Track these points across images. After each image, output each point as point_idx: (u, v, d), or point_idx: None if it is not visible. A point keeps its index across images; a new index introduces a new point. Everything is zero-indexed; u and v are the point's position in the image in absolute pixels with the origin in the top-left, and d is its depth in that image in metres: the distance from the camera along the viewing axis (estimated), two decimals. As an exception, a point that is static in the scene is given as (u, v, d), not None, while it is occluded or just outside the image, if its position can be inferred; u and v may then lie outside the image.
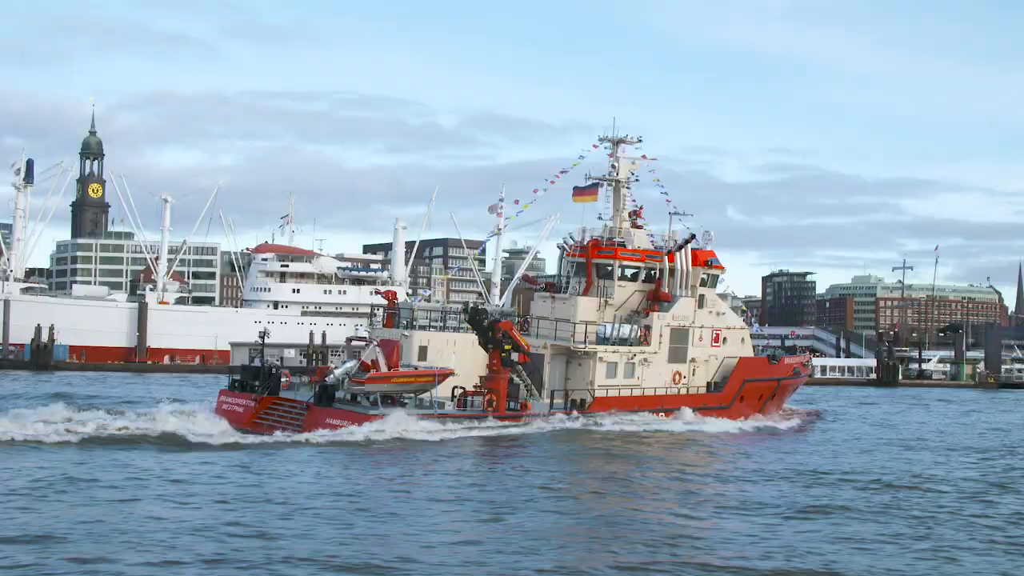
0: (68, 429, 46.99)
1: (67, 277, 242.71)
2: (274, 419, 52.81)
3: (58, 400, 61.10)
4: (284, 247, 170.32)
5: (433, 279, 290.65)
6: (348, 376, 52.79)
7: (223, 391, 56.46)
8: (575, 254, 67.78)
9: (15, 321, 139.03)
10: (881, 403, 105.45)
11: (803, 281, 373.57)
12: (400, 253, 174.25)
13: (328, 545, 27.52)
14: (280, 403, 54.45)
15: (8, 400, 72.11)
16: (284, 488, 36.22)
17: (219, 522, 29.98)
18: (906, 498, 38.32)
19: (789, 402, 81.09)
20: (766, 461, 48.13)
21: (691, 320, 67.91)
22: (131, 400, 75.45)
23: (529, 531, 30.15)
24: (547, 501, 35.37)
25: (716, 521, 32.79)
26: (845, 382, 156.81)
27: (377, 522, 30.82)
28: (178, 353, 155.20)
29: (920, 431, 70.93)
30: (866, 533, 31.23)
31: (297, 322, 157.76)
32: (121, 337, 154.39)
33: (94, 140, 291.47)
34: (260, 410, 53.89)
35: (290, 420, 52.26)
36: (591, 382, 62.47)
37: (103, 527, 28.83)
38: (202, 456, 43.50)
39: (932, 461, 51.18)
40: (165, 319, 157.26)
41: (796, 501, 36.45)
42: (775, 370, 74.10)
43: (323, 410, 51.80)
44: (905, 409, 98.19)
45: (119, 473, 38.22)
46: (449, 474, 40.62)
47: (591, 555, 27.49)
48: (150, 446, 45.88)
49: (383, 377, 52.50)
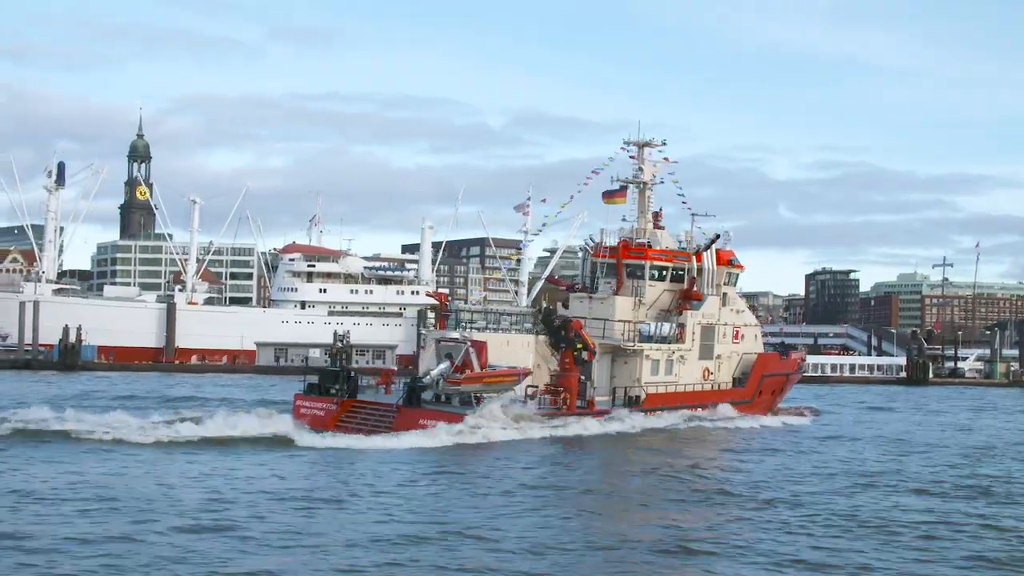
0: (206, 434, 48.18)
1: (107, 279, 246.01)
2: (358, 422, 52.65)
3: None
4: (311, 247, 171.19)
5: (470, 278, 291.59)
6: (443, 377, 53.12)
7: (299, 395, 55.75)
8: (604, 255, 69.21)
9: (47, 322, 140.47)
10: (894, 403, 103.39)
11: (846, 279, 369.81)
12: (427, 253, 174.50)
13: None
14: (362, 405, 54.31)
15: (92, 399, 74.14)
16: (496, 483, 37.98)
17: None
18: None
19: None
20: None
21: (717, 318, 70.25)
22: (214, 401, 75.98)
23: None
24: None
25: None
26: (875, 380, 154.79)
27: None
28: (205, 353, 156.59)
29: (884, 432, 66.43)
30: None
31: (324, 322, 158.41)
32: (150, 338, 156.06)
33: (141, 143, 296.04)
34: (342, 413, 53.60)
35: (377, 422, 52.19)
36: (638, 379, 64.18)
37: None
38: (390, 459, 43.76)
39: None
40: (193, 319, 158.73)
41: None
42: (785, 365, 77.49)
43: (414, 411, 51.91)
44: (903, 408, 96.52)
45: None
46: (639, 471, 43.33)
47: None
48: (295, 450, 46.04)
49: (477, 377, 53.50)
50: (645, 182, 71.53)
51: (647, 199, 72.13)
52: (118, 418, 51.61)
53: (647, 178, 71.74)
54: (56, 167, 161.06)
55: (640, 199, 72.12)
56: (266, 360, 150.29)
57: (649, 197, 72.24)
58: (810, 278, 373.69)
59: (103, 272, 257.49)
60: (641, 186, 71.84)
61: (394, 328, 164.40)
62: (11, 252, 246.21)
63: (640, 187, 71.93)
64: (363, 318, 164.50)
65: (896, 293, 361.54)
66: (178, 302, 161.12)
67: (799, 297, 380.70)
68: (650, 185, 71.88)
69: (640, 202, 72.08)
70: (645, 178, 71.59)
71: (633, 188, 72.28)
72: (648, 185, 71.74)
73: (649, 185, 71.79)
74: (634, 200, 72.51)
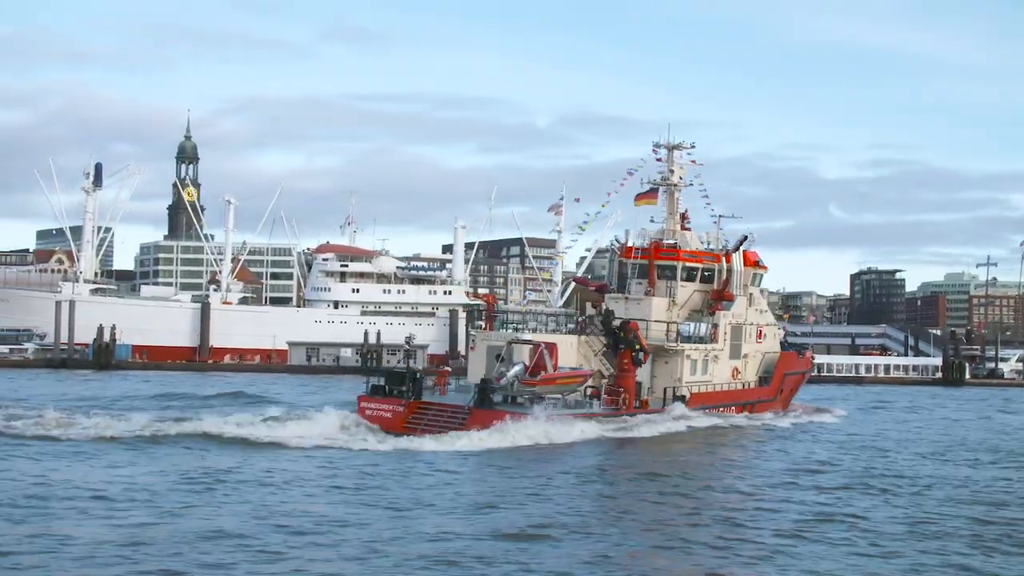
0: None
1: (150, 279, 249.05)
2: (426, 423, 52.99)
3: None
4: (345, 247, 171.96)
5: (510, 278, 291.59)
6: (518, 379, 53.75)
7: (363, 396, 56.17)
8: (636, 256, 70.15)
9: (84, 322, 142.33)
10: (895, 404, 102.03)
11: (892, 279, 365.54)
12: (460, 253, 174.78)
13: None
14: (429, 407, 54.65)
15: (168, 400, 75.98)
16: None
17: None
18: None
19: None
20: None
21: (744, 318, 72.03)
22: (280, 402, 76.85)
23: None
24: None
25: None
26: (910, 381, 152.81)
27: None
28: (240, 353, 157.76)
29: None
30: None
31: (356, 321, 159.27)
32: (185, 337, 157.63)
33: (189, 145, 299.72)
34: (409, 415, 54.03)
35: (446, 423, 52.52)
36: (679, 379, 65.41)
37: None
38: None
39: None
40: (227, 319, 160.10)
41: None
42: (801, 364, 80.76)
43: (487, 412, 52.35)
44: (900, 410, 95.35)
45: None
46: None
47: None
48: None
49: (551, 378, 54.63)
50: (675, 184, 73.01)
51: (675, 201, 73.56)
52: (240, 418, 53.41)
53: (676, 180, 73.32)
54: (94, 168, 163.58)
55: (669, 201, 73.56)
56: (298, 359, 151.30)
57: (677, 199, 73.76)
58: (855, 278, 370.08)
59: (145, 272, 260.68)
60: (670, 188, 73.34)
61: (426, 328, 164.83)
62: (56, 253, 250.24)
63: (669, 189, 73.45)
64: (395, 318, 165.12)
65: (943, 293, 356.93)
66: (212, 302, 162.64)
67: (844, 297, 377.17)
68: (679, 187, 73.41)
69: (669, 204, 73.53)
70: (674, 180, 73.14)
71: (662, 190, 73.98)
72: (677, 187, 73.27)
73: (678, 187, 73.32)
74: (663, 202, 73.96)
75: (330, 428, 51.78)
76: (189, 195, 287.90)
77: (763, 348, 74.58)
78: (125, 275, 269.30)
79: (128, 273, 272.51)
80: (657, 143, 73.61)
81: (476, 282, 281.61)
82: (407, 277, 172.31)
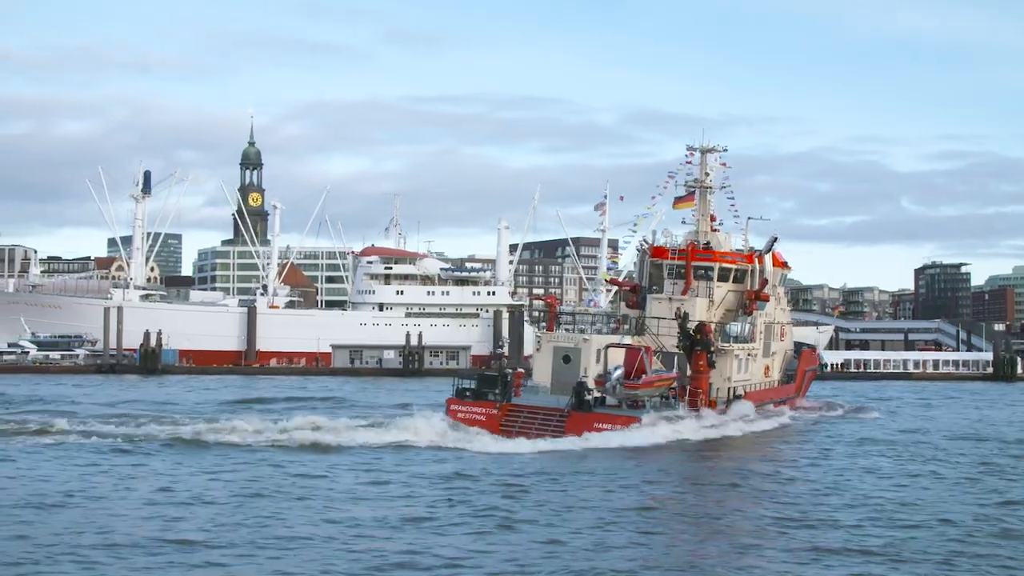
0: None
1: (208, 284, 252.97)
2: (520, 425, 53.57)
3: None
4: (389, 249, 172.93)
5: (565, 278, 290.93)
6: (620, 382, 54.17)
7: (452, 399, 56.66)
8: (672, 256, 71.08)
9: (133, 328, 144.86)
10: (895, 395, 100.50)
11: (957, 273, 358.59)
12: (504, 253, 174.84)
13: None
14: (521, 409, 55.12)
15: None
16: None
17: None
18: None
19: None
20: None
21: (773, 317, 73.86)
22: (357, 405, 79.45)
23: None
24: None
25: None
26: (960, 376, 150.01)
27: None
28: (288, 356, 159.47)
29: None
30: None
31: (401, 323, 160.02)
32: (232, 341, 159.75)
33: (252, 151, 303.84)
34: (503, 417, 54.60)
35: (542, 426, 53.17)
36: (728, 377, 65.73)
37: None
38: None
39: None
40: (273, 323, 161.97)
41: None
42: (815, 360, 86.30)
43: (586, 415, 52.89)
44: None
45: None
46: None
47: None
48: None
49: (651, 381, 55.17)
50: (709, 187, 74.40)
51: (707, 203, 74.89)
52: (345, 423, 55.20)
53: (708, 183, 74.71)
54: (142, 176, 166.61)
55: (701, 203, 74.77)
56: (342, 362, 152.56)
57: (710, 201, 75.11)
58: (919, 272, 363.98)
59: (203, 278, 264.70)
60: (703, 191, 74.65)
61: (471, 329, 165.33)
62: (117, 260, 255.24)
63: (702, 191, 74.77)
64: (440, 319, 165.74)
65: (1011, 287, 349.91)
66: (259, 306, 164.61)
67: (909, 292, 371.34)
68: (712, 190, 74.83)
69: (702, 206, 74.73)
70: (707, 183, 74.53)
71: (697, 192, 75.39)
72: (711, 189, 74.75)
73: (711, 190, 74.76)
74: (696, 204, 75.25)
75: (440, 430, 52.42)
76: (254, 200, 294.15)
77: (785, 346, 77.23)
78: (185, 281, 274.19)
79: (187, 279, 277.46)
80: (691, 146, 74.99)
81: (531, 282, 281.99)
82: (451, 278, 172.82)
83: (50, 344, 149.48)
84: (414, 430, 51.64)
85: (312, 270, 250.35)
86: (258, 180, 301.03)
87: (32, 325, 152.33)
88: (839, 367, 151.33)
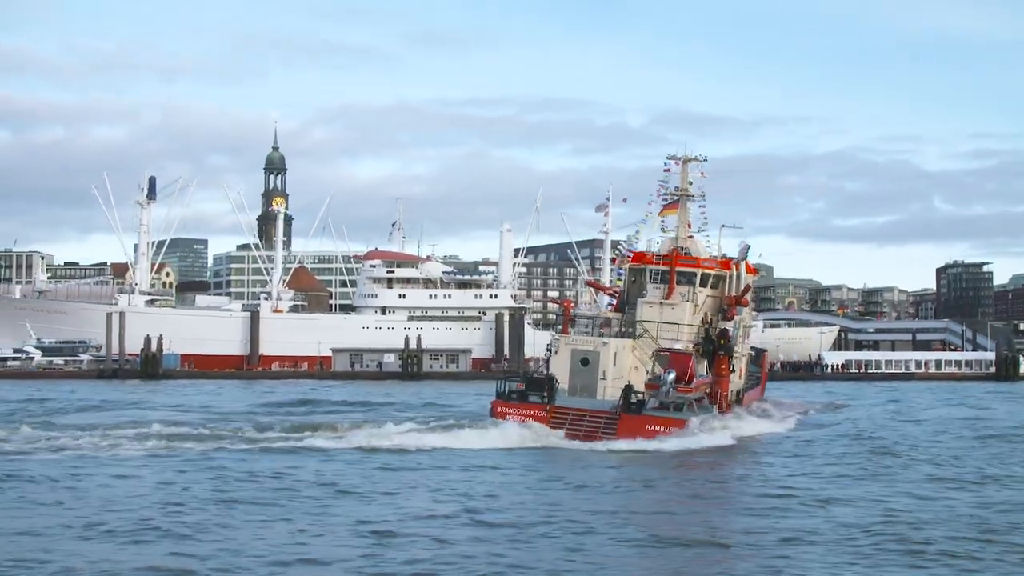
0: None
1: (223, 289, 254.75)
2: (568, 427, 54.45)
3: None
4: (392, 253, 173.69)
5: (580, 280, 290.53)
6: (673, 386, 54.95)
7: (498, 402, 57.49)
8: (656, 262, 71.84)
9: (138, 332, 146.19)
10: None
11: (979, 272, 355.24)
12: (507, 257, 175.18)
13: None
14: (567, 411, 55.89)
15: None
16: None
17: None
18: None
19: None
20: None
21: (747, 322, 77.21)
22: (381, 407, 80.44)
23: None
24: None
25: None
26: (961, 376, 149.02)
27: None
28: (292, 360, 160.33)
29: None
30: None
31: (403, 327, 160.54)
32: (235, 346, 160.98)
33: (276, 156, 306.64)
34: (550, 419, 55.51)
35: (593, 428, 54.19)
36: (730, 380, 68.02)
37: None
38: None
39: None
40: (275, 327, 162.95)
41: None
42: (767, 362, 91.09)
43: (638, 417, 54.04)
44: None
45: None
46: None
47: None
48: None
49: (698, 385, 56.62)
50: (691, 195, 75.65)
51: (687, 211, 76.15)
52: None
53: (691, 192, 75.92)
54: (147, 183, 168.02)
55: (682, 211, 76.05)
56: (342, 366, 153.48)
57: (689, 209, 76.36)
58: (941, 272, 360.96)
59: (219, 283, 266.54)
60: (684, 199, 75.93)
61: (472, 332, 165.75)
62: (166, 266, 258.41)
63: (683, 200, 76.01)
64: (442, 323, 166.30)
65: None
66: (263, 310, 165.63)
67: (931, 292, 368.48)
68: (693, 198, 76.02)
69: (681, 213, 76.05)
70: (690, 192, 75.79)
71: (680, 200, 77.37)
72: (692, 198, 75.94)
73: (692, 198, 75.94)
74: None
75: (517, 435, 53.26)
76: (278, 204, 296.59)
77: (747, 349, 79.95)
78: (201, 286, 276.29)
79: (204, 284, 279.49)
80: (671, 155, 76.51)
81: (546, 284, 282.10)
82: (453, 282, 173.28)
83: (54, 350, 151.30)
84: (505, 433, 52.84)
85: (327, 274, 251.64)
86: (282, 185, 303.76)
87: (38, 331, 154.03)
88: (840, 368, 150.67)
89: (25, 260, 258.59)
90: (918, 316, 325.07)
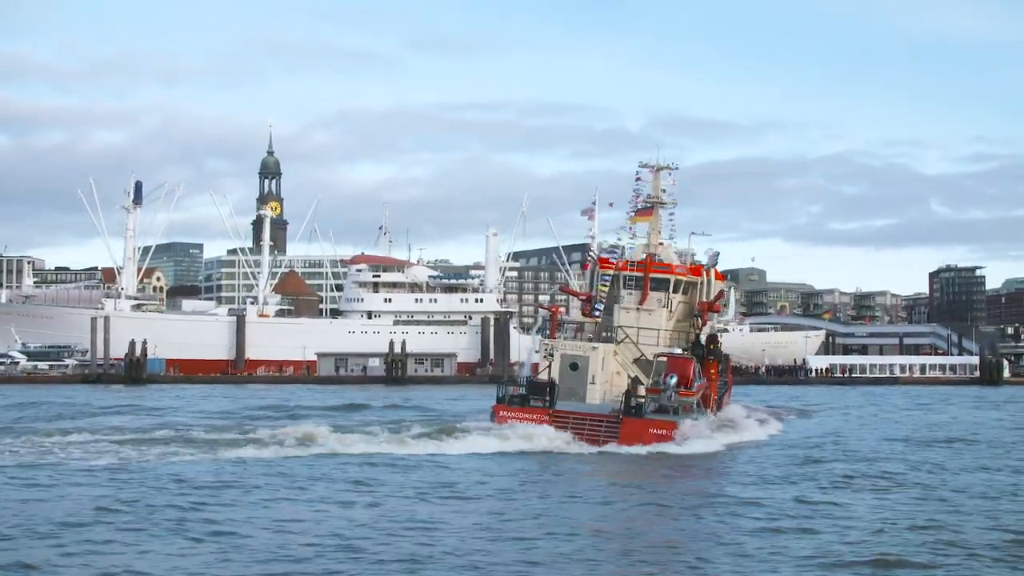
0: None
1: (214, 293, 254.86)
2: (570, 430, 54.61)
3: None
4: (377, 257, 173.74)
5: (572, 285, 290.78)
6: (675, 390, 55.32)
7: (500, 406, 57.56)
8: (630, 268, 71.85)
9: (124, 337, 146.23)
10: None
11: (971, 276, 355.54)
12: (493, 261, 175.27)
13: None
14: (568, 415, 56.03)
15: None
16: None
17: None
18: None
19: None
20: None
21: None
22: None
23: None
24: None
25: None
26: (945, 381, 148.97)
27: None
28: (279, 365, 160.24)
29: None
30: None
31: (389, 331, 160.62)
32: (221, 350, 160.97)
33: (271, 160, 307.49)
34: (552, 423, 55.57)
35: (593, 430, 54.51)
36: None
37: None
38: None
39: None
40: (261, 331, 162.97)
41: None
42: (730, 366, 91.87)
43: (640, 420, 54.36)
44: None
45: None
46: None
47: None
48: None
49: (698, 389, 57.33)
50: (663, 203, 75.73)
51: (659, 218, 76.17)
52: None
53: (663, 200, 75.99)
54: (133, 187, 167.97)
55: (655, 218, 76.08)
56: (327, 370, 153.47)
57: (660, 216, 76.38)
58: (933, 276, 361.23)
59: (209, 287, 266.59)
60: (657, 206, 75.99)
61: (458, 336, 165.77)
62: (156, 271, 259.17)
63: (656, 207, 76.08)
64: (428, 327, 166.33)
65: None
66: (248, 314, 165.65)
67: (924, 296, 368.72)
68: (665, 205, 76.13)
69: (654, 220, 76.03)
70: (662, 199, 75.86)
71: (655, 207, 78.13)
72: (664, 205, 76.02)
73: (664, 205, 76.03)
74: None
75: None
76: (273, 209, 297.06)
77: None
78: (192, 290, 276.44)
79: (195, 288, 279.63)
80: (643, 163, 76.40)
81: (537, 288, 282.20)
82: (439, 286, 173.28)
83: (40, 354, 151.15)
84: (529, 437, 52.98)
85: (318, 278, 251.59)
86: (276, 189, 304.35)
87: (24, 336, 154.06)
88: (824, 372, 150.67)
89: (15, 265, 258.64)
90: (911, 320, 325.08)
